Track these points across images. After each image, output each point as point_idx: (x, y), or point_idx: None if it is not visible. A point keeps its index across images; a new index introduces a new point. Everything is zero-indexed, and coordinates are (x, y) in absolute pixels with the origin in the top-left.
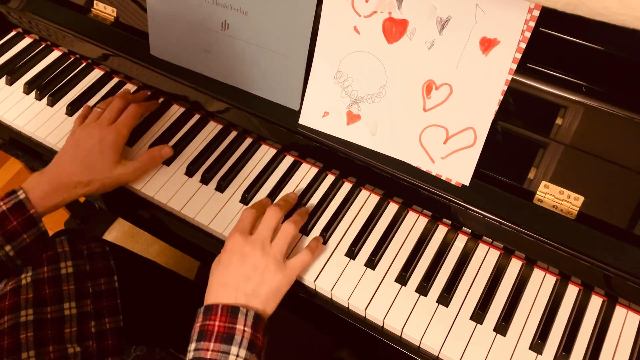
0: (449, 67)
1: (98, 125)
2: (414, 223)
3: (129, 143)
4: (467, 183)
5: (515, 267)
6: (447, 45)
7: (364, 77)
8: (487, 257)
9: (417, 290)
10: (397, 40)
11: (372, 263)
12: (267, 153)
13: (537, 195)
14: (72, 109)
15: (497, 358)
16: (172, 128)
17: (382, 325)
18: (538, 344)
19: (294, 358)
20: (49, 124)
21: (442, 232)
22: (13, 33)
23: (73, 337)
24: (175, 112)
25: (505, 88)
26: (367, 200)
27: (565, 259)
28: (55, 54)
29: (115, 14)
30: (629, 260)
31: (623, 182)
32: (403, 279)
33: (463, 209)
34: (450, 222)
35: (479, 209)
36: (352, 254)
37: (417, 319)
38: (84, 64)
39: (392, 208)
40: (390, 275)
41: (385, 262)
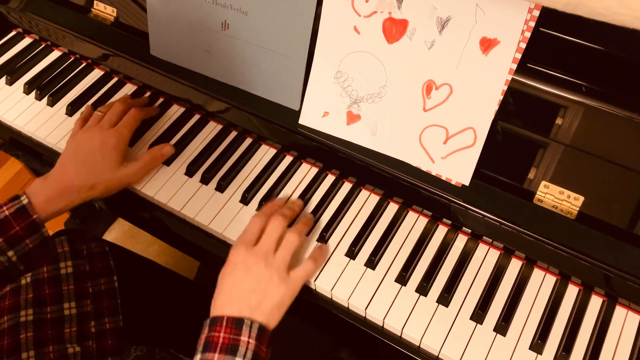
0: (449, 67)
1: (99, 129)
2: (414, 223)
3: (129, 143)
4: (467, 183)
5: (515, 267)
6: (447, 45)
7: (364, 77)
8: (487, 257)
9: (417, 290)
10: (397, 40)
11: (372, 263)
12: (267, 153)
13: (537, 195)
14: (72, 109)
15: (497, 358)
16: (172, 128)
17: (382, 325)
18: (538, 344)
19: (294, 358)
20: (49, 124)
21: (442, 232)
22: (13, 33)
23: (73, 337)
24: (175, 112)
25: (505, 88)
26: (367, 200)
27: (565, 259)
28: (55, 54)
29: (115, 14)
30: (629, 260)
31: (623, 182)
32: (403, 279)
33: (463, 209)
34: (450, 222)
35: (479, 209)
36: (352, 254)
37: (417, 319)
38: (84, 64)
39: (392, 208)
40: (390, 275)
41: (385, 262)
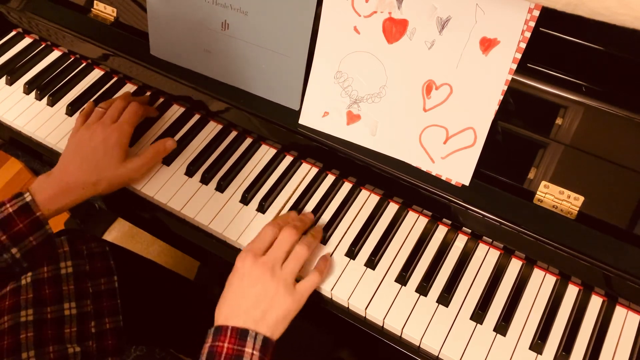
0: (449, 67)
1: (101, 125)
2: (414, 223)
3: (129, 143)
4: (467, 183)
5: (515, 267)
6: (447, 45)
7: (364, 77)
8: (487, 257)
9: (417, 290)
10: (397, 40)
11: (372, 263)
12: (267, 153)
13: (537, 195)
14: (72, 109)
15: (497, 358)
16: (172, 128)
17: (382, 325)
18: (538, 344)
19: (294, 358)
20: (49, 124)
21: (442, 232)
22: (13, 33)
23: (73, 337)
24: (175, 112)
25: (505, 88)
26: (367, 200)
27: (565, 259)
28: (55, 54)
29: (115, 14)
30: (629, 260)
31: (623, 182)
32: (403, 279)
33: (463, 209)
34: (450, 222)
35: (479, 209)
36: (352, 254)
37: (417, 319)
38: (84, 64)
39: (392, 208)
40: (390, 275)
41: (385, 262)
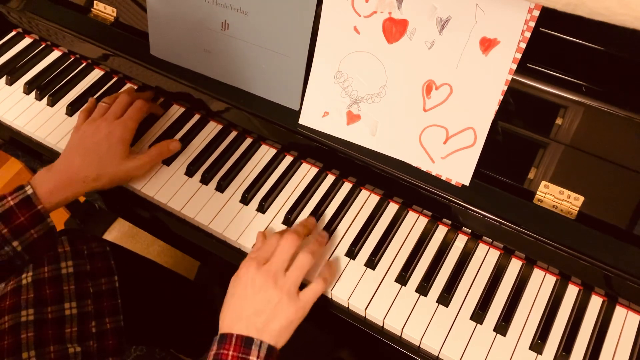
0: (449, 67)
1: (105, 120)
2: (414, 223)
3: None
4: (467, 183)
5: (515, 267)
6: (447, 45)
7: (364, 77)
8: (487, 257)
9: (417, 290)
10: (397, 40)
11: (372, 263)
12: (267, 153)
13: (537, 195)
14: (72, 109)
15: (497, 358)
16: (172, 128)
17: (382, 325)
18: (538, 344)
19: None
20: (49, 124)
21: (442, 232)
22: (13, 33)
23: (73, 337)
24: (175, 112)
25: (505, 88)
26: (367, 200)
27: (565, 259)
28: (55, 54)
29: (115, 14)
30: (629, 260)
31: (623, 182)
32: (403, 279)
33: (463, 209)
34: (450, 222)
35: (479, 209)
36: (352, 254)
37: (417, 319)
38: (84, 64)
39: (392, 208)
40: (390, 275)
41: (385, 262)
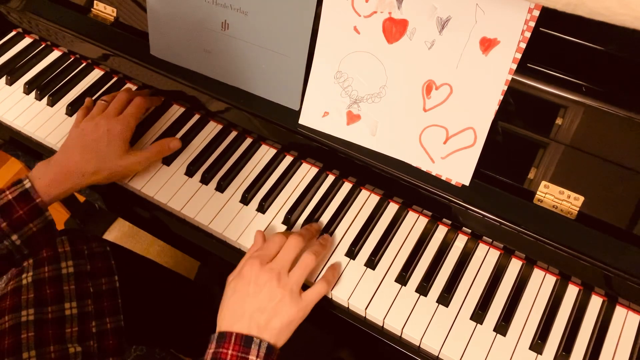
0: (449, 67)
1: (104, 117)
2: (414, 223)
3: (130, 142)
4: (467, 183)
5: (515, 267)
6: (447, 45)
7: (364, 77)
8: (487, 257)
9: (417, 290)
10: (397, 40)
11: (372, 263)
12: (267, 153)
13: (537, 195)
14: (72, 109)
15: (497, 358)
16: (172, 128)
17: (382, 325)
18: (538, 344)
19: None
20: (49, 124)
21: (442, 232)
22: (13, 33)
23: (74, 337)
24: (175, 112)
25: (505, 88)
26: (367, 200)
27: (565, 259)
28: (55, 54)
29: (115, 14)
30: (629, 260)
31: (623, 182)
32: (403, 279)
33: (463, 209)
34: (450, 222)
35: (479, 209)
36: (352, 254)
37: (417, 319)
38: (84, 64)
39: (392, 208)
40: (390, 275)
41: (385, 262)
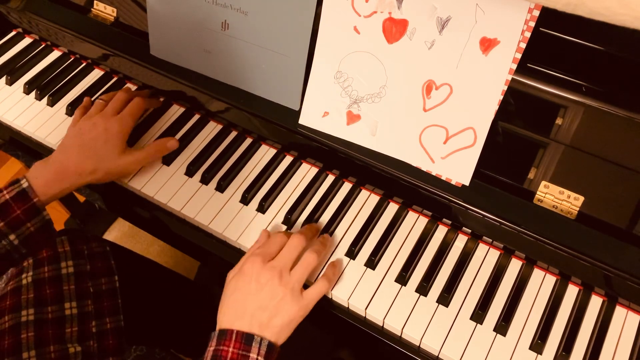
0: (449, 67)
1: (102, 116)
2: (414, 223)
3: (129, 143)
4: (467, 183)
5: (515, 267)
6: (447, 45)
7: (364, 77)
8: (487, 257)
9: (417, 290)
10: (397, 40)
11: (372, 263)
12: (267, 153)
13: (537, 195)
14: (72, 109)
15: (497, 358)
16: (172, 128)
17: (382, 326)
18: (538, 344)
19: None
20: (49, 124)
21: (442, 232)
22: (13, 33)
23: (74, 337)
24: (175, 112)
25: (505, 88)
26: (367, 200)
27: (565, 259)
28: (55, 54)
29: (115, 14)
30: (629, 260)
31: (623, 182)
32: (403, 279)
33: (463, 209)
34: (450, 222)
35: (479, 209)
36: (352, 254)
37: (417, 319)
38: (84, 64)
39: (392, 208)
40: (390, 275)
41: (385, 262)
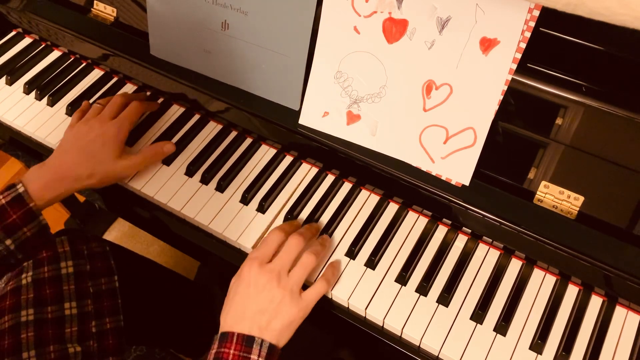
0: (449, 67)
1: (99, 120)
2: (414, 223)
3: (129, 143)
4: (467, 183)
5: (515, 267)
6: (447, 45)
7: (364, 77)
8: (487, 257)
9: (417, 290)
10: (397, 40)
11: (372, 263)
12: (267, 153)
13: (537, 195)
14: (72, 109)
15: (497, 358)
16: (172, 128)
17: (382, 326)
18: (538, 344)
19: (294, 358)
20: (49, 124)
21: (442, 232)
22: (13, 33)
23: (74, 337)
24: (175, 112)
25: (505, 88)
26: (367, 200)
27: (565, 259)
28: (55, 54)
29: (115, 14)
30: (629, 260)
31: (623, 182)
32: (403, 279)
33: (463, 209)
34: (450, 222)
35: (479, 209)
36: (352, 254)
37: (417, 319)
38: (84, 64)
39: (392, 208)
40: (390, 275)
41: (385, 262)
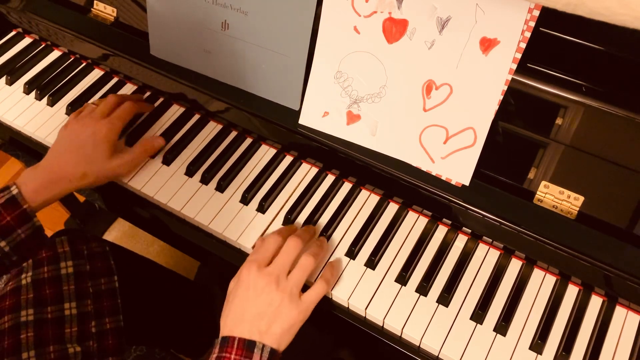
0: (449, 67)
1: (91, 119)
2: (414, 223)
3: (128, 143)
4: (467, 183)
5: (515, 267)
6: (447, 45)
7: (364, 77)
8: (487, 257)
9: (417, 290)
10: (397, 40)
11: (372, 263)
12: (267, 153)
13: (537, 195)
14: (72, 109)
15: (497, 358)
16: (172, 128)
17: (382, 326)
18: (538, 344)
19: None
20: (49, 124)
21: (442, 232)
22: (13, 33)
23: (73, 337)
24: (175, 112)
25: (505, 88)
26: (367, 200)
27: (565, 259)
28: (55, 54)
29: (115, 14)
30: (629, 260)
31: (623, 182)
32: (403, 279)
33: (463, 209)
34: (450, 222)
35: (479, 209)
36: (352, 254)
37: (417, 319)
38: (84, 64)
39: (392, 208)
40: (390, 275)
41: (385, 262)
